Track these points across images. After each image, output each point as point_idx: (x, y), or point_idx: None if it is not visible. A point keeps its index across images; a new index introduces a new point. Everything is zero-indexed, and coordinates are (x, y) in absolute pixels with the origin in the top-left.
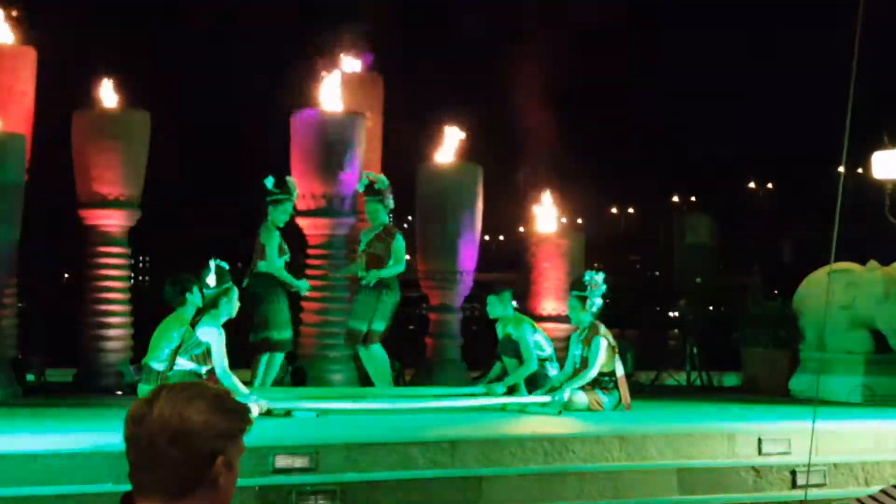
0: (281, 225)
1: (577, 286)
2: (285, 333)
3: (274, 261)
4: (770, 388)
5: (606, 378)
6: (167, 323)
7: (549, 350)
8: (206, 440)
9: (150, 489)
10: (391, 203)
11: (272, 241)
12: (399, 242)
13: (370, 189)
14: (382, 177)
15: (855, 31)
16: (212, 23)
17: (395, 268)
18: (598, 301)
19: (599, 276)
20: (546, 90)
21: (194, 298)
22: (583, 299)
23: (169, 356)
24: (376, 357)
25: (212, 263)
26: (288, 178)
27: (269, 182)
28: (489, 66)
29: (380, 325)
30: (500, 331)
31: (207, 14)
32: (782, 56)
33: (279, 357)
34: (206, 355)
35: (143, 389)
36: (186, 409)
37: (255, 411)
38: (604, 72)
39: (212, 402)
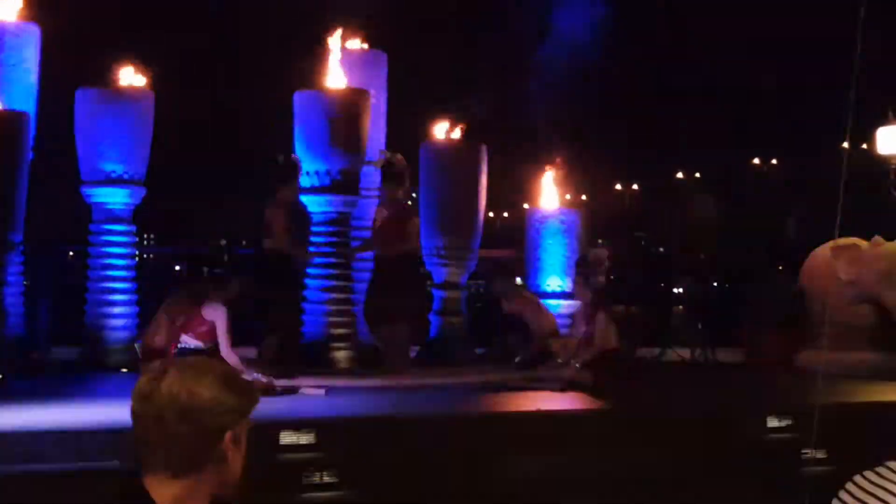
0: (287, 203)
1: (580, 263)
2: (292, 312)
3: (281, 237)
4: (775, 365)
5: (611, 354)
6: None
7: (552, 326)
8: (214, 416)
9: (157, 465)
10: (407, 184)
11: (279, 220)
12: (414, 225)
13: (387, 169)
14: (399, 156)
15: (860, 6)
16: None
17: (404, 246)
18: (601, 277)
19: (603, 253)
20: (550, 67)
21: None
22: (585, 276)
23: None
24: (398, 335)
25: (223, 242)
26: (293, 155)
27: (279, 160)
28: (493, 41)
29: (403, 303)
30: (504, 307)
31: None
32: (786, 29)
33: (285, 334)
34: (211, 333)
35: (147, 368)
36: (195, 385)
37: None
38: (607, 48)
39: (220, 378)
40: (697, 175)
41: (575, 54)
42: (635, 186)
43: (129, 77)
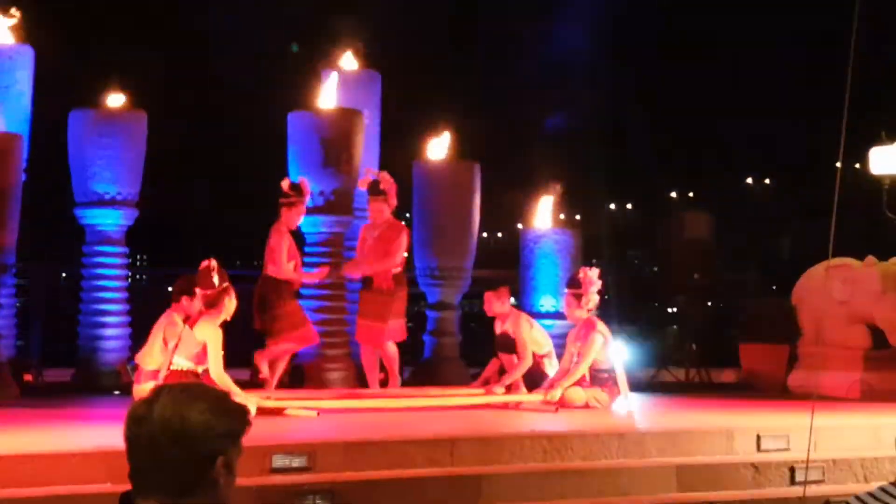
0: (294, 227)
1: (571, 283)
2: (306, 331)
3: (283, 264)
4: (768, 385)
5: (605, 375)
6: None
7: (547, 347)
8: (206, 441)
9: (149, 489)
10: (394, 202)
11: (282, 245)
12: (402, 239)
13: (374, 187)
14: (386, 174)
15: (853, 26)
16: (208, 22)
17: (387, 262)
18: (594, 297)
19: (594, 272)
20: (544, 88)
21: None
22: (578, 296)
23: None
24: (388, 355)
25: (213, 263)
26: (303, 179)
27: (285, 184)
28: (487, 62)
29: (394, 323)
30: (497, 328)
31: (205, 13)
32: (779, 49)
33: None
34: (203, 354)
35: (139, 390)
36: (187, 409)
37: (253, 411)
38: (601, 69)
39: (213, 403)
40: (691, 194)
41: (569, 74)
42: (629, 206)
43: (122, 99)
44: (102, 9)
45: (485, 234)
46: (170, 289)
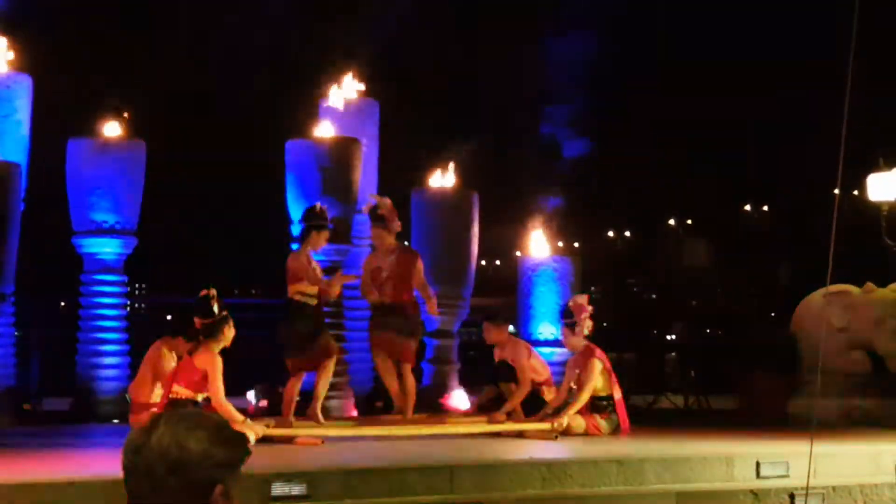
0: (318, 251)
1: (564, 314)
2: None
3: (315, 277)
4: (768, 411)
5: (604, 402)
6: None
7: (545, 374)
8: (204, 470)
9: None
10: (395, 227)
11: (304, 264)
12: (420, 262)
13: (375, 213)
14: (387, 200)
15: (850, 57)
16: (207, 51)
17: (429, 287)
18: (588, 323)
19: (583, 298)
20: (540, 115)
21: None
22: (571, 325)
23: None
24: (411, 383)
25: (212, 291)
26: (320, 204)
27: (317, 207)
28: (482, 91)
29: (416, 344)
30: (496, 355)
31: (204, 43)
32: (776, 78)
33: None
34: (203, 382)
35: (134, 420)
36: (186, 438)
37: (252, 439)
38: (599, 99)
39: (211, 431)
40: (689, 222)
41: (565, 102)
42: (627, 233)
43: (121, 128)
44: (101, 36)
45: (483, 262)
46: (169, 318)
